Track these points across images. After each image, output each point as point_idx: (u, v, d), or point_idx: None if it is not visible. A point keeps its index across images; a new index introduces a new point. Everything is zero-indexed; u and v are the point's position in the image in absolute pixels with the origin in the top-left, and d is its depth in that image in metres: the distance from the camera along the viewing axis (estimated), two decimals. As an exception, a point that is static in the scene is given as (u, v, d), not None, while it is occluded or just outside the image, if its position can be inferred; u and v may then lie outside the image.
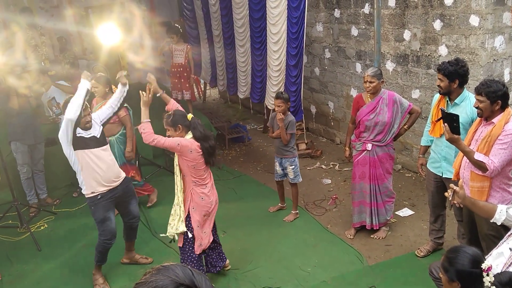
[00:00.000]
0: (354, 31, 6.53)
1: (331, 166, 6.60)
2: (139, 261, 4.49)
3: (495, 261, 2.53)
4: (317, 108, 7.80)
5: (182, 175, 3.73)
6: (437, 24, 5.24)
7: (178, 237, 3.83)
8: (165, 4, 9.88)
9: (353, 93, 6.78)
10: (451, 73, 3.59)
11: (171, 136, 3.67)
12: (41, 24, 7.95)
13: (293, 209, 5.17)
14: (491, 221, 2.75)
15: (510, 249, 2.51)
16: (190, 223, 3.75)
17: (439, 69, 3.68)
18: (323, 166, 6.62)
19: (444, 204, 4.09)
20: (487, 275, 2.15)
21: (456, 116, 3.20)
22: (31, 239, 4.97)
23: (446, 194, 2.83)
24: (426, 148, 4.19)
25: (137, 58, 7.53)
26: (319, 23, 7.19)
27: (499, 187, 3.25)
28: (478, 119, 3.34)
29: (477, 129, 3.34)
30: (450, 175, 3.67)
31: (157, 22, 9.47)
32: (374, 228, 4.65)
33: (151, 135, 3.61)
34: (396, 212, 5.05)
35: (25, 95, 5.33)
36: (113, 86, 5.05)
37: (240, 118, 9.23)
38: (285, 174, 5.07)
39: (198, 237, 3.79)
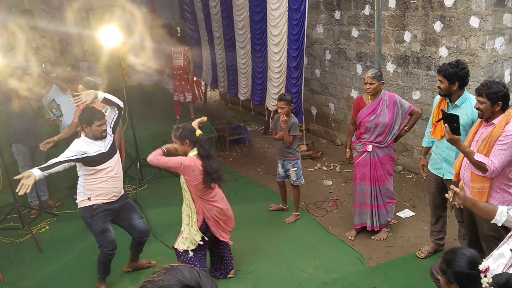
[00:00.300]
0: (355, 33, 6.54)
1: (332, 167, 6.60)
2: (144, 266, 4.40)
3: (496, 262, 2.53)
4: (318, 110, 7.81)
5: (190, 191, 3.78)
6: (437, 26, 5.25)
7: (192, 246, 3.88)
8: (166, 6, 9.91)
9: (354, 94, 6.79)
10: (451, 75, 3.59)
11: (177, 148, 3.75)
12: (42, 26, 7.98)
13: (294, 210, 5.18)
14: (491, 222, 2.75)
15: (511, 250, 2.51)
16: (208, 230, 3.87)
17: (439, 70, 3.69)
18: (324, 168, 6.62)
19: (445, 205, 4.09)
20: (485, 276, 2.15)
21: (456, 116, 3.20)
22: (33, 241, 4.98)
23: (446, 195, 2.83)
24: (427, 149, 4.19)
25: (138, 60, 7.55)
26: (319, 25, 7.21)
27: (500, 188, 3.25)
28: (479, 120, 3.34)
29: (477, 130, 3.34)
30: (451, 177, 3.67)
31: (158, 24, 9.50)
32: (375, 230, 4.65)
33: (156, 155, 3.70)
34: (397, 213, 5.05)
35: (26, 97, 5.36)
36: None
37: (240, 120, 9.24)
38: (287, 175, 5.07)
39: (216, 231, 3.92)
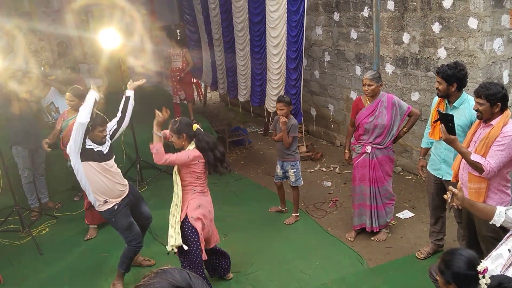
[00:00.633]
0: (354, 34, 6.56)
1: (332, 168, 6.61)
2: (142, 263, 4.53)
3: (494, 262, 2.54)
4: (317, 111, 7.82)
5: (183, 185, 3.75)
6: (436, 27, 5.27)
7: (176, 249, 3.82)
8: (165, 9, 9.92)
9: (353, 95, 6.80)
10: (450, 76, 3.60)
11: (174, 142, 3.75)
12: (42, 29, 8.01)
13: (294, 212, 5.19)
14: (490, 222, 2.75)
15: (509, 250, 2.52)
16: (195, 231, 3.73)
17: (437, 71, 3.70)
18: (324, 169, 6.63)
19: (444, 206, 4.10)
20: (483, 277, 2.16)
21: (451, 116, 3.22)
22: (33, 243, 4.99)
23: (445, 196, 2.83)
24: (427, 150, 4.20)
25: (138, 62, 7.56)
26: (318, 27, 7.22)
27: (497, 189, 3.26)
28: (477, 121, 3.35)
29: (476, 131, 3.35)
30: (450, 178, 3.68)
31: (158, 26, 9.52)
32: (374, 231, 4.66)
33: (162, 155, 3.66)
34: (397, 214, 5.06)
35: (26, 99, 5.37)
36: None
37: (240, 121, 9.25)
38: (286, 176, 5.08)
39: (202, 241, 3.78)
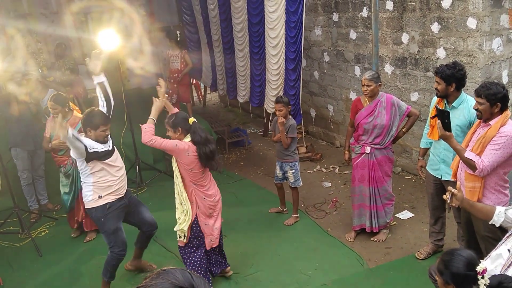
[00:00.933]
0: (353, 35, 6.56)
1: (331, 169, 6.61)
2: (145, 269, 4.39)
3: (494, 262, 2.53)
4: (317, 112, 7.82)
5: (181, 177, 3.77)
6: (435, 27, 5.27)
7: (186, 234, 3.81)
8: (164, 10, 9.93)
9: (352, 96, 6.80)
10: (448, 76, 3.60)
11: (170, 137, 3.73)
12: (41, 30, 7.99)
13: (294, 212, 5.18)
14: (489, 222, 2.75)
15: (509, 250, 2.51)
16: (197, 223, 3.79)
17: (436, 72, 3.70)
18: (323, 169, 6.63)
19: (444, 206, 4.10)
20: (482, 277, 2.15)
21: (447, 112, 3.24)
22: (32, 245, 4.99)
23: (444, 196, 2.83)
24: (426, 150, 4.20)
25: (137, 63, 7.56)
26: (317, 27, 7.22)
27: (494, 189, 3.25)
28: (478, 121, 3.35)
29: (475, 131, 3.35)
30: (449, 177, 3.68)
31: (157, 27, 9.52)
32: (374, 231, 4.65)
33: (150, 135, 3.64)
34: (396, 215, 5.06)
35: (25, 101, 5.37)
36: (72, 105, 4.94)
37: (240, 122, 9.25)
38: (285, 177, 5.08)
39: (208, 234, 3.85)
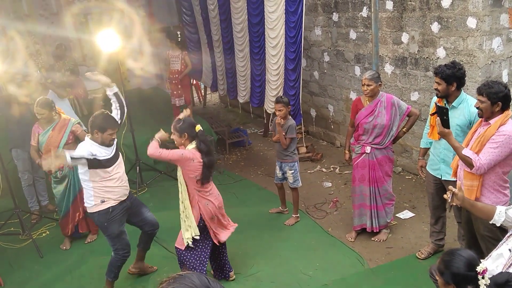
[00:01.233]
0: (353, 35, 6.56)
1: (332, 169, 6.61)
2: (147, 271, 4.42)
3: (495, 262, 2.53)
4: (317, 112, 7.82)
5: (187, 187, 3.79)
6: (435, 27, 5.27)
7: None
8: (164, 11, 9.93)
9: (353, 96, 6.80)
10: (449, 76, 3.60)
11: (175, 140, 3.80)
12: (40, 32, 7.99)
13: (294, 212, 5.18)
14: (490, 222, 2.75)
15: (510, 250, 2.51)
16: (206, 231, 3.88)
17: (436, 72, 3.69)
18: (324, 169, 6.63)
19: (444, 206, 4.10)
20: (482, 277, 2.15)
21: (446, 109, 3.25)
22: (33, 246, 4.99)
23: (445, 196, 2.84)
24: (426, 150, 4.20)
25: (137, 64, 7.56)
26: (317, 27, 7.22)
27: (493, 188, 3.25)
28: (479, 120, 3.36)
29: (476, 130, 3.35)
30: (449, 177, 3.68)
31: (157, 28, 9.52)
32: (375, 231, 4.65)
33: (156, 148, 3.71)
34: (397, 215, 5.06)
35: (25, 102, 5.37)
36: (57, 108, 4.90)
37: (240, 122, 9.25)
38: (285, 178, 5.08)
39: (215, 231, 3.92)
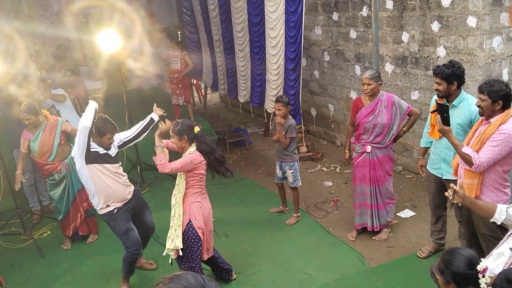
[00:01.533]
0: (353, 34, 6.56)
1: (332, 168, 6.61)
2: (144, 266, 4.49)
3: (496, 261, 2.53)
4: (317, 111, 7.82)
5: (185, 188, 3.76)
6: (435, 26, 5.27)
7: (173, 253, 3.80)
8: (164, 11, 9.94)
9: (353, 95, 6.80)
10: (449, 75, 3.60)
11: (174, 143, 3.77)
12: (41, 32, 8.00)
13: (295, 212, 5.18)
14: (491, 220, 2.75)
15: (510, 248, 2.51)
16: (196, 232, 3.75)
17: (435, 73, 3.68)
18: (324, 169, 6.63)
19: (445, 205, 4.10)
20: (483, 276, 2.15)
21: (446, 106, 3.25)
22: (34, 246, 5.00)
23: (446, 194, 2.84)
24: (426, 149, 4.20)
25: (137, 64, 7.58)
26: (317, 27, 7.23)
27: (493, 187, 3.25)
28: (480, 119, 3.36)
29: (477, 129, 3.35)
30: (450, 176, 3.68)
31: (157, 28, 9.54)
32: (376, 230, 4.66)
33: (166, 165, 3.65)
34: (398, 214, 5.06)
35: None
36: (44, 110, 4.89)
37: (241, 122, 9.26)
38: (285, 177, 5.08)
39: (205, 242, 3.84)
